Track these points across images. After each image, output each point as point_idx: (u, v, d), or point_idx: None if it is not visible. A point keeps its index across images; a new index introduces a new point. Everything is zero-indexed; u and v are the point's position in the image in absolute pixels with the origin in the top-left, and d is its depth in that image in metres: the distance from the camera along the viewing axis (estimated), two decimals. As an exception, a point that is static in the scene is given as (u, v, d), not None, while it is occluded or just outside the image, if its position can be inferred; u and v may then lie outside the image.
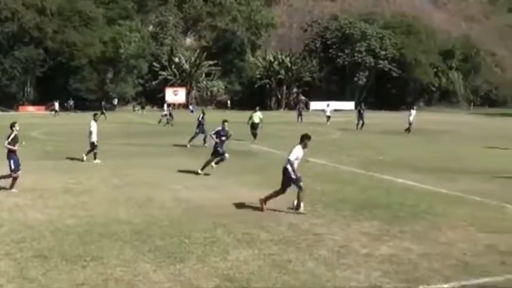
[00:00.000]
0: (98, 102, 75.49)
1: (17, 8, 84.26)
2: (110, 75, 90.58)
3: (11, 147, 17.04)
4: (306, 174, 20.99)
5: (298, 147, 14.73)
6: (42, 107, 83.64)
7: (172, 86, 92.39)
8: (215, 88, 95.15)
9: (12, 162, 16.99)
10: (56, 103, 74.40)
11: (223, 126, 21.49)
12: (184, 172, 21.72)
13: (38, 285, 9.08)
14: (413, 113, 45.19)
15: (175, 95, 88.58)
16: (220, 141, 21.21)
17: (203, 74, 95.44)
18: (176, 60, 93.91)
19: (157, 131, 44.50)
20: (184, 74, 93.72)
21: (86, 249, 10.96)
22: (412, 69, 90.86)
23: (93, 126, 24.76)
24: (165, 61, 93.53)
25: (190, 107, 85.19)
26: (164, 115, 53.51)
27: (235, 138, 32.34)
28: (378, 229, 12.96)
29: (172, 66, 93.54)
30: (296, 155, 14.61)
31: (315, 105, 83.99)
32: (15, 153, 17.18)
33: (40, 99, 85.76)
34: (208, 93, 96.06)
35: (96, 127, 24.85)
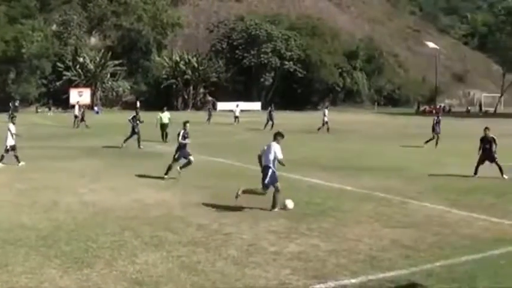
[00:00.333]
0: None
1: None
2: (12, 76, 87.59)
3: None
4: (212, 174, 21.08)
5: (276, 145, 15.18)
6: None
7: (77, 86, 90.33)
8: (120, 88, 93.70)
9: None
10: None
11: (185, 128, 20.87)
12: (90, 175, 21.31)
13: None
14: (327, 112, 45.99)
15: (80, 96, 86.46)
16: (184, 142, 20.65)
17: (108, 74, 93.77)
18: (81, 60, 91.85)
19: (64, 133, 43.42)
20: (89, 75, 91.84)
21: (-11, 256, 10.60)
22: (317, 69, 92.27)
23: (12, 129, 23.98)
24: (69, 61, 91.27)
25: (96, 108, 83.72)
26: (76, 116, 52.15)
27: (143, 139, 32.15)
28: (285, 227, 13.12)
29: (77, 67, 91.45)
30: (280, 152, 15.09)
31: (222, 105, 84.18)
32: None
33: None
34: (114, 94, 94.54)
35: (14, 129, 24.09)
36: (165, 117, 35.09)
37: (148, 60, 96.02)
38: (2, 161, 23.70)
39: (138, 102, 73.26)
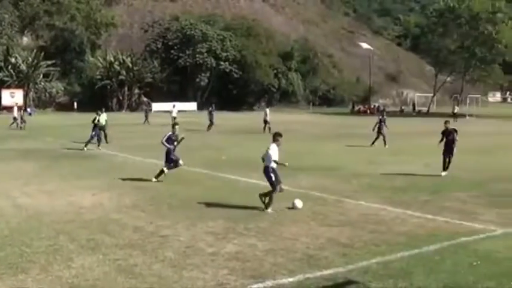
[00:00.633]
0: None
1: None
2: None
3: None
4: (148, 176, 20.89)
5: (274, 146, 15.48)
6: None
7: (8, 87, 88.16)
8: (54, 89, 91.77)
9: None
10: None
11: (173, 130, 20.38)
12: (23, 177, 20.84)
13: None
14: (268, 112, 46.07)
15: (12, 97, 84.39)
16: (173, 147, 20.12)
17: (41, 75, 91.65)
18: (12, 60, 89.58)
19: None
20: (21, 75, 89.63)
21: None
22: (252, 70, 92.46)
23: None
24: (0, 61, 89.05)
25: (29, 110, 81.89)
26: (15, 118, 50.75)
27: (77, 141, 31.66)
28: (223, 227, 13.11)
29: (9, 67, 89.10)
30: (276, 154, 15.37)
31: (158, 106, 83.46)
32: None
33: None
34: (47, 95, 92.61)
35: None
36: (103, 118, 34.69)
37: (82, 60, 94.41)
38: None
39: (75, 103, 72.06)
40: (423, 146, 33.15)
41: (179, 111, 56.35)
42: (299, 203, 15.40)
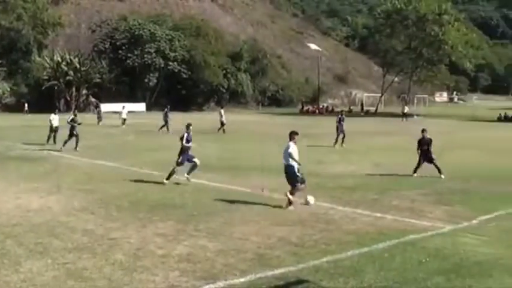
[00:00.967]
0: None
1: None
2: None
3: None
4: (97, 178, 20.66)
5: (292, 145, 16.20)
6: None
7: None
8: (0, 90, 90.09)
9: None
10: None
11: (188, 131, 20.37)
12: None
13: None
14: (223, 112, 45.93)
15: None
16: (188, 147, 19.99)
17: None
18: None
19: None
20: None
21: None
22: (201, 70, 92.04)
23: None
24: None
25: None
26: None
27: (27, 142, 31.11)
28: (173, 229, 13.05)
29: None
30: (296, 152, 16.04)
31: (107, 107, 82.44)
32: None
33: None
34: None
35: None
36: (55, 119, 34.16)
37: (28, 60, 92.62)
38: None
39: (26, 105, 70.79)
40: (372, 145, 33.59)
41: (128, 112, 55.73)
42: (311, 199, 15.96)
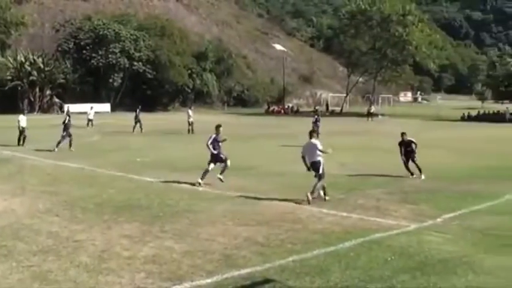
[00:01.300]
0: None
1: None
2: None
3: None
4: (61, 179, 20.44)
5: (316, 141, 17.14)
6: None
7: None
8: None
9: None
10: None
11: (217, 132, 20.86)
12: None
13: None
14: (191, 112, 45.70)
15: None
16: (218, 147, 20.32)
17: None
18: None
19: None
20: None
21: None
22: (166, 70, 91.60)
23: None
24: None
25: None
26: None
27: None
28: (139, 230, 12.96)
29: None
30: (320, 145, 16.95)
31: (73, 108, 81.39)
32: None
33: None
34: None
35: None
36: (23, 120, 33.72)
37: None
38: None
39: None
40: (337, 145, 33.71)
41: (95, 113, 55.30)
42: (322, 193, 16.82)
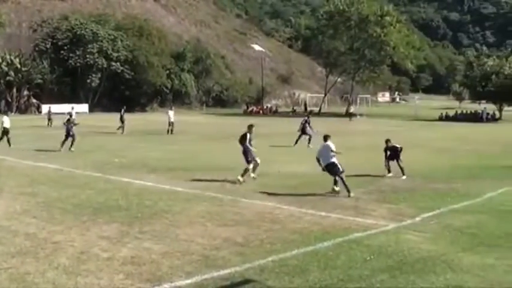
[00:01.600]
0: None
1: None
2: None
3: None
4: (39, 181, 20.28)
5: (331, 144, 18.13)
6: None
7: None
8: None
9: None
10: None
11: (250, 131, 21.58)
12: None
13: None
14: (171, 113, 45.55)
15: None
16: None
17: None
18: None
19: None
20: None
21: None
22: (144, 70, 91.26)
23: None
24: None
25: None
26: None
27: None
28: (117, 232, 12.90)
29: None
30: (334, 148, 18.09)
31: (54, 108, 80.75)
32: None
33: None
34: None
35: None
36: (7, 121, 33.40)
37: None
38: None
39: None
40: (316, 145, 33.84)
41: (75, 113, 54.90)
42: (337, 187, 17.86)
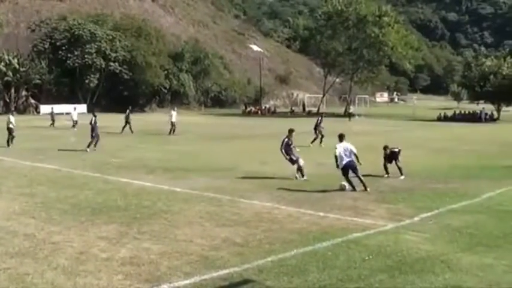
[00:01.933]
0: None
1: None
2: None
3: None
4: (38, 181, 20.27)
5: (347, 143, 18.71)
6: None
7: None
8: None
9: None
10: None
11: (290, 136, 21.92)
12: None
13: None
14: (174, 114, 45.52)
15: None
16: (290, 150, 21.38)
17: None
18: None
19: None
20: None
21: None
22: (143, 71, 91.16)
23: None
24: None
25: None
26: None
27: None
28: (116, 232, 12.90)
29: None
30: (354, 148, 18.78)
31: (47, 108, 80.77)
32: None
33: None
34: None
35: None
36: (12, 120, 33.40)
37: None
38: None
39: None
40: (314, 145, 33.85)
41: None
42: (346, 185, 18.42)
